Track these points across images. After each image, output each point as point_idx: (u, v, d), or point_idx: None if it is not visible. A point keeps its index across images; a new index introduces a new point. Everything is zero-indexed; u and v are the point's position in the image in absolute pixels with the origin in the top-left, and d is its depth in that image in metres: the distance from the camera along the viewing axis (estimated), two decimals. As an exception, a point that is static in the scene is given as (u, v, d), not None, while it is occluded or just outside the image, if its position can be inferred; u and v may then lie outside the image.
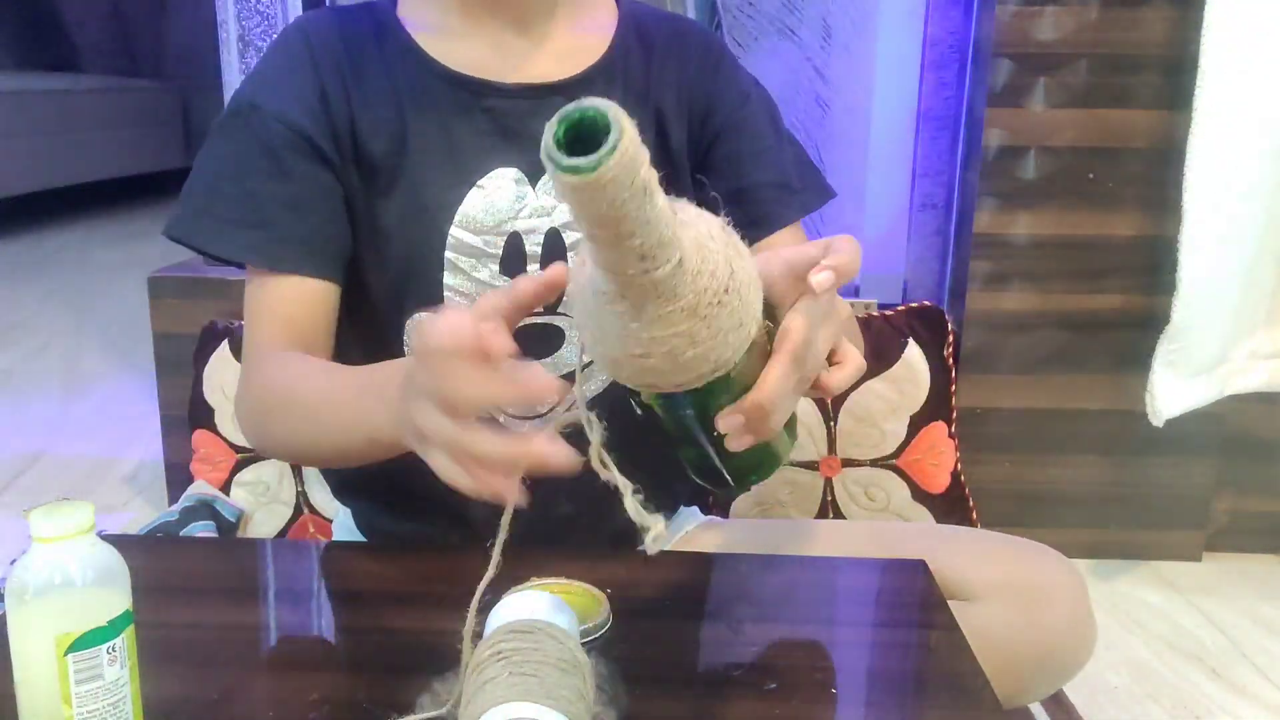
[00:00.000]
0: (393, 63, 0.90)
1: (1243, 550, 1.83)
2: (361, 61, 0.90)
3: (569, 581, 0.80)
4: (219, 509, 1.46)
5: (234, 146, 0.88)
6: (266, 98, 0.88)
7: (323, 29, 0.91)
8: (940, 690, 0.72)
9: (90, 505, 0.59)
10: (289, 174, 0.87)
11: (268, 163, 0.87)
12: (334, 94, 0.88)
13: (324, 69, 0.89)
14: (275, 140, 0.87)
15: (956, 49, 1.72)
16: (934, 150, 1.76)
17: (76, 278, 3.64)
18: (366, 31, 0.91)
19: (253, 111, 0.88)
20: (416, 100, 0.89)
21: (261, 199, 0.87)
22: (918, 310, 1.61)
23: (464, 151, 0.89)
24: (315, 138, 0.87)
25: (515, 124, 0.90)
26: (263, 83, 0.90)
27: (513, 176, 0.90)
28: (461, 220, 0.89)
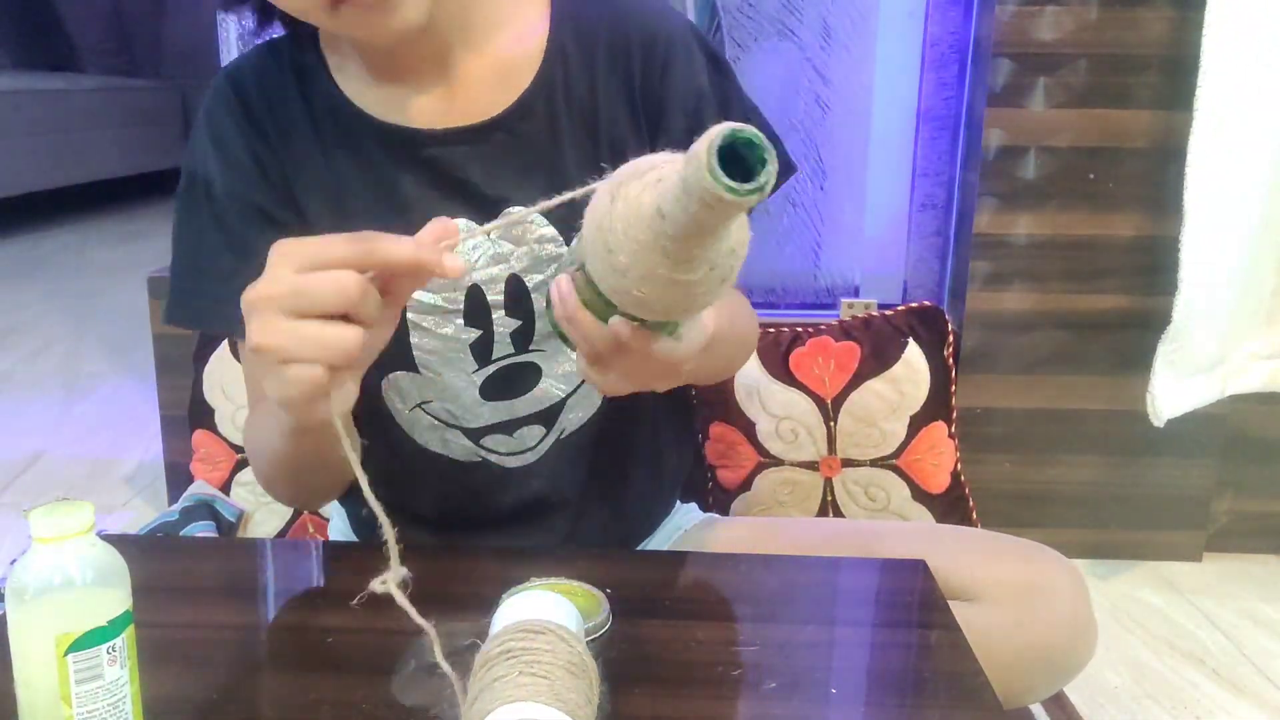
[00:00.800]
0: (320, 119, 0.85)
1: (1243, 550, 1.83)
2: (290, 122, 0.86)
3: (569, 581, 0.80)
4: (219, 509, 1.46)
5: (199, 225, 0.87)
6: (215, 176, 0.86)
7: (245, 87, 0.87)
8: (940, 690, 0.72)
9: (90, 505, 0.59)
10: (251, 250, 0.83)
11: (229, 240, 0.85)
12: (267, 160, 0.86)
13: (253, 136, 0.86)
14: (232, 218, 0.85)
15: (956, 49, 1.72)
16: (934, 150, 1.76)
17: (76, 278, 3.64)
18: (287, 85, 0.86)
19: (208, 190, 0.86)
20: (350, 158, 0.85)
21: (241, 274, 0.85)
22: (918, 310, 1.61)
23: (409, 209, 0.85)
24: (270, 209, 0.86)
25: (458, 171, 0.85)
26: (204, 154, 0.87)
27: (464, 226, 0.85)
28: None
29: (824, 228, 1.81)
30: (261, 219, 0.86)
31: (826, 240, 1.81)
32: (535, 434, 0.93)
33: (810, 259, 1.82)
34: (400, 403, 0.91)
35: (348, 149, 0.85)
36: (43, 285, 3.54)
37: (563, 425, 0.93)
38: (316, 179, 0.86)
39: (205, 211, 0.86)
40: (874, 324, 1.59)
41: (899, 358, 1.56)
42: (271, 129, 0.86)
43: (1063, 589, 0.91)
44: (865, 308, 1.68)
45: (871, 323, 1.59)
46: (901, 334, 1.58)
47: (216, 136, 0.86)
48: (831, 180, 1.78)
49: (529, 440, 0.93)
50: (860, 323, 1.60)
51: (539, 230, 0.86)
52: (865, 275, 1.81)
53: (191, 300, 0.88)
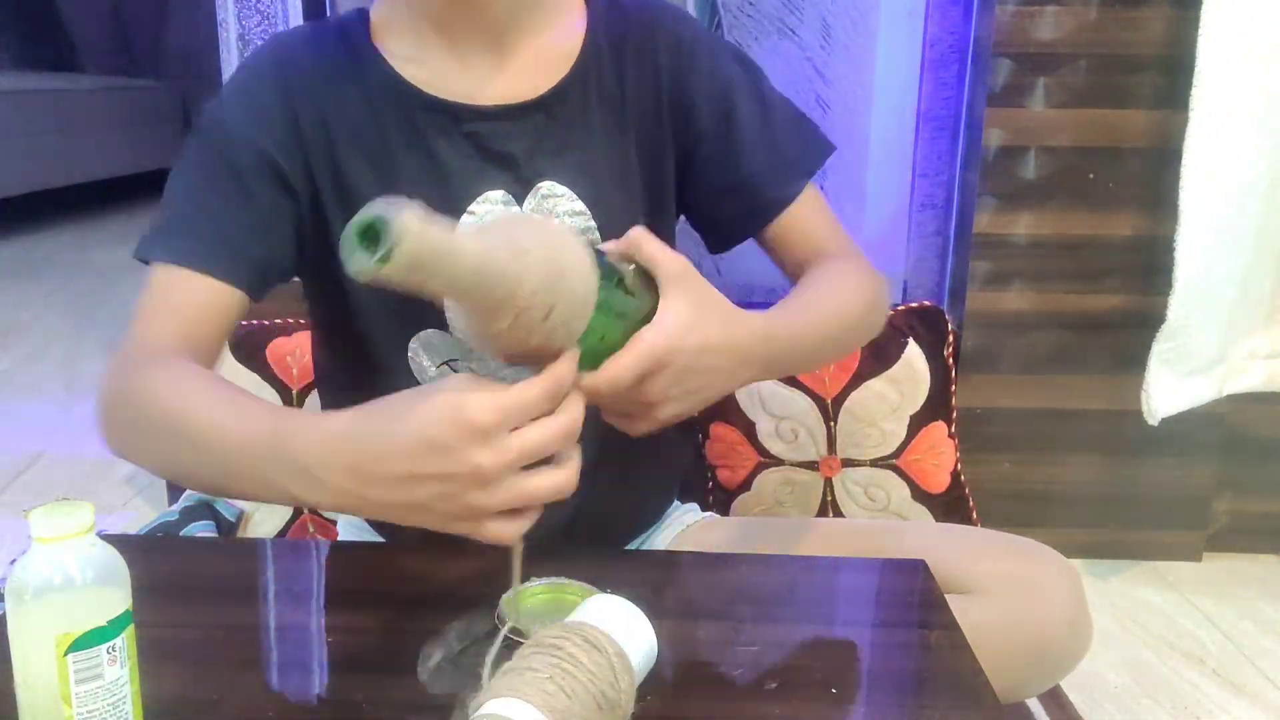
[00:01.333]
0: (372, 92, 0.89)
1: (1243, 550, 1.83)
2: (341, 90, 0.88)
3: (569, 581, 0.80)
4: (219, 509, 1.46)
5: (200, 166, 0.87)
6: (233, 119, 0.87)
7: (298, 56, 0.89)
8: (940, 690, 0.72)
9: (90, 505, 0.59)
10: (253, 196, 0.86)
11: (233, 184, 0.86)
12: (310, 123, 0.87)
13: (299, 99, 0.87)
14: (241, 162, 0.86)
15: (956, 49, 1.72)
16: (934, 150, 1.76)
17: (76, 278, 3.64)
18: (343, 59, 0.89)
19: (219, 130, 0.87)
20: (400, 129, 0.88)
21: (223, 218, 0.86)
22: (918, 310, 1.61)
23: (452, 178, 0.89)
24: (282, 164, 0.86)
25: (497, 146, 0.89)
26: (230, 104, 0.88)
27: (501, 199, 0.90)
28: None
29: (824, 228, 1.81)
30: (274, 175, 0.86)
31: (826, 240, 1.81)
32: None
33: (810, 259, 1.82)
34: (428, 360, 0.92)
35: (395, 116, 0.89)
36: (43, 285, 3.54)
37: None
38: (362, 141, 0.88)
39: (211, 153, 0.87)
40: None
41: (899, 358, 1.56)
42: (326, 98, 0.88)
43: (1057, 584, 0.91)
44: (865, 308, 1.68)
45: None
46: (901, 334, 1.58)
47: (248, 95, 0.88)
48: (831, 180, 1.78)
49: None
50: (860, 323, 1.59)
51: (570, 205, 0.91)
52: (865, 275, 1.81)
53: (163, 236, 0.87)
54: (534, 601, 0.79)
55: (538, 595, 0.79)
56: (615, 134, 0.93)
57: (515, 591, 0.75)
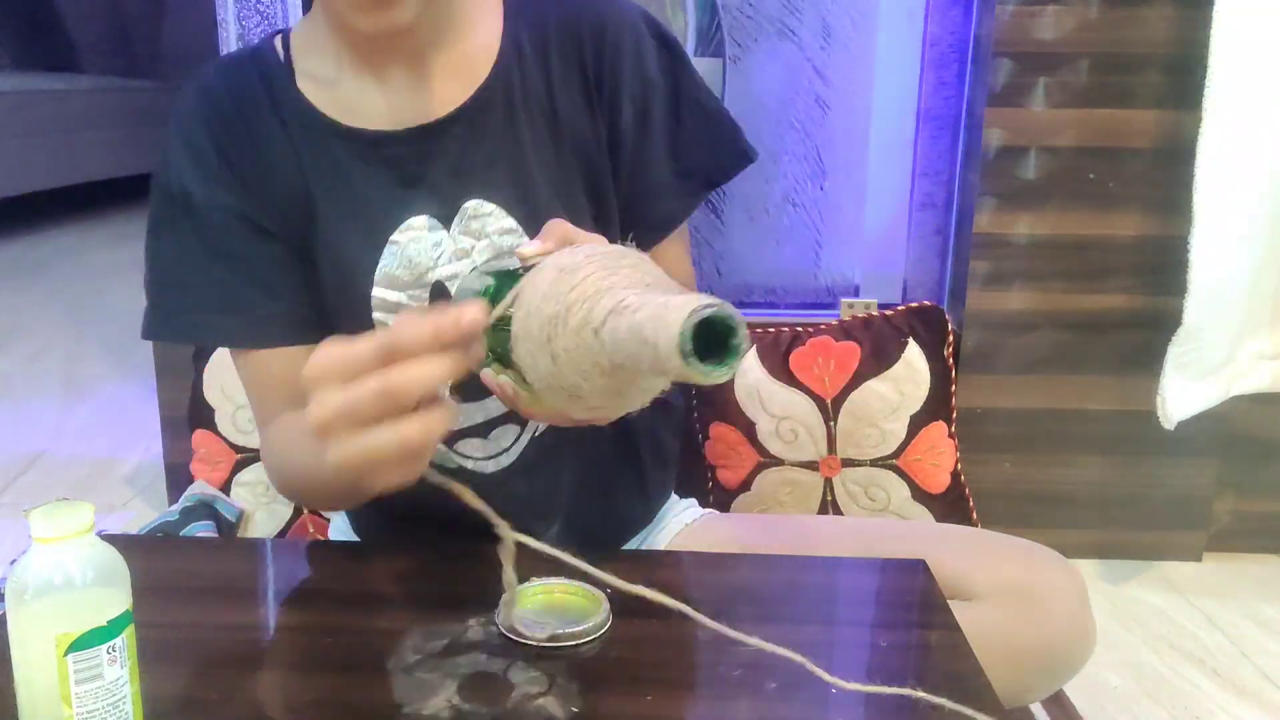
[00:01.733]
0: (289, 124, 0.87)
1: (1244, 550, 1.83)
2: (258, 128, 0.87)
3: (569, 581, 0.80)
4: (219, 509, 1.46)
5: (183, 238, 0.87)
6: (192, 187, 0.86)
7: (216, 94, 0.88)
8: (940, 690, 0.72)
9: (90, 505, 0.59)
10: (247, 260, 0.86)
11: (221, 252, 0.86)
12: (239, 166, 0.87)
13: (223, 143, 0.86)
14: (219, 228, 0.86)
15: (956, 49, 1.72)
16: (934, 150, 1.76)
17: (76, 278, 3.64)
18: (256, 92, 0.87)
19: (187, 201, 0.86)
20: (316, 162, 0.87)
21: (230, 285, 0.86)
22: (918, 310, 1.61)
23: (373, 208, 0.86)
24: (249, 213, 0.86)
25: (417, 170, 0.86)
26: (181, 169, 0.87)
27: (425, 224, 0.87)
28: (382, 279, 0.87)
29: (824, 227, 1.81)
30: (245, 226, 0.86)
31: (826, 240, 1.81)
32: (510, 433, 0.92)
33: (810, 259, 1.82)
34: None
35: (313, 151, 0.87)
36: (43, 286, 3.53)
37: (535, 424, 0.92)
38: (287, 183, 0.87)
39: (185, 224, 0.86)
40: (874, 324, 1.59)
41: (899, 358, 1.56)
42: (242, 135, 0.87)
43: (1062, 590, 0.91)
44: (865, 307, 1.68)
45: (871, 323, 1.59)
46: (901, 334, 1.58)
47: (192, 147, 0.87)
48: (831, 180, 1.78)
49: (504, 441, 0.92)
50: (860, 323, 1.60)
51: (500, 222, 0.87)
52: (865, 275, 1.81)
53: (176, 315, 0.88)
54: (534, 601, 0.79)
55: (537, 595, 0.79)
56: (546, 136, 0.88)
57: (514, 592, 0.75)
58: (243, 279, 0.86)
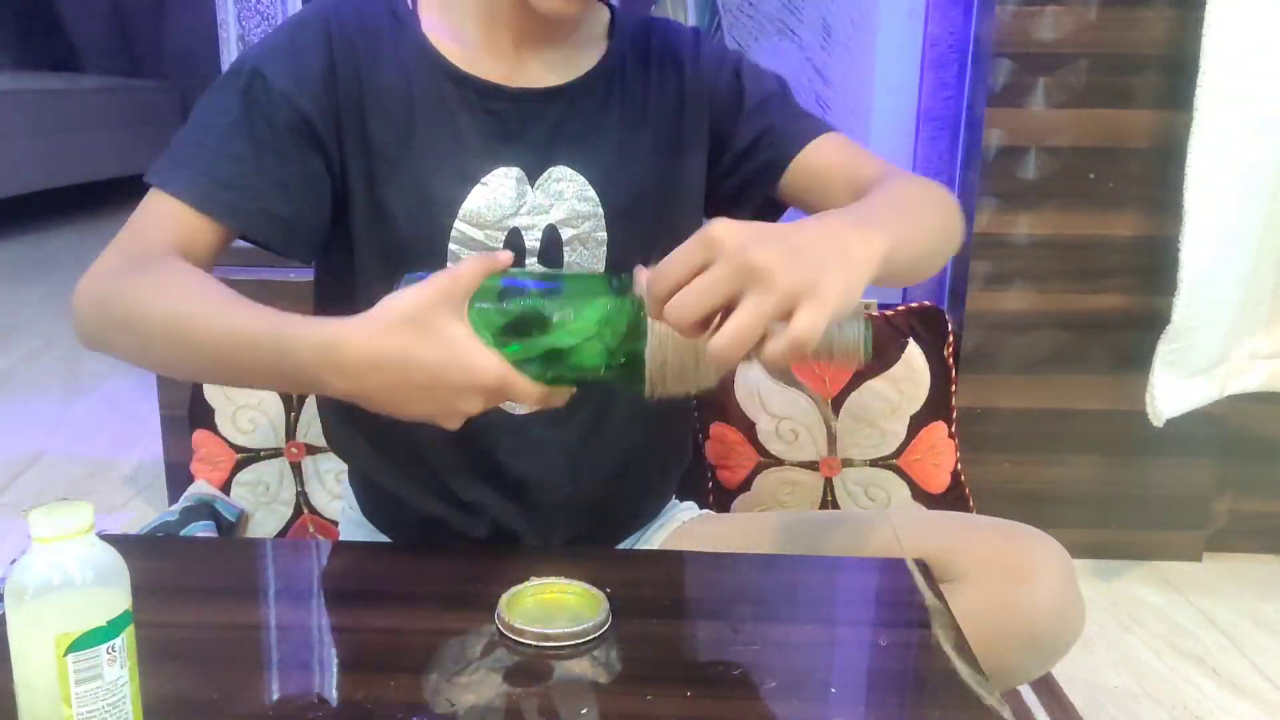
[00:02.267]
0: (406, 58, 0.92)
1: (1243, 550, 1.83)
2: (377, 52, 0.91)
3: (569, 581, 0.80)
4: (219, 509, 1.46)
5: (231, 108, 0.88)
6: (276, 72, 0.88)
7: (344, 14, 0.92)
8: (940, 690, 0.72)
9: (90, 505, 0.59)
10: (285, 155, 0.88)
11: (269, 136, 0.87)
12: (345, 75, 0.90)
13: (339, 50, 0.90)
14: (279, 119, 0.87)
15: (956, 49, 1.72)
16: (934, 150, 1.76)
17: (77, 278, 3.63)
18: (383, 24, 0.93)
19: (258, 80, 0.87)
20: (426, 97, 0.92)
21: (250, 167, 0.87)
22: (918, 310, 1.61)
23: (469, 150, 0.92)
24: (317, 124, 0.88)
25: (516, 126, 0.93)
26: (274, 55, 0.89)
27: (514, 175, 0.92)
28: (465, 215, 0.91)
29: (824, 228, 1.81)
30: (309, 136, 0.88)
31: (826, 240, 1.81)
32: None
33: (810, 259, 1.82)
34: None
35: (424, 84, 0.92)
36: (43, 285, 3.54)
37: None
38: (393, 110, 0.91)
39: (246, 99, 0.87)
40: (874, 324, 1.59)
41: (899, 358, 1.56)
42: (363, 56, 0.90)
43: (1048, 567, 0.90)
44: (865, 307, 1.68)
45: (872, 323, 1.59)
46: (901, 334, 1.58)
47: (296, 43, 0.90)
48: (831, 180, 1.78)
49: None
50: (860, 323, 1.59)
51: (579, 190, 0.94)
52: (865, 275, 1.81)
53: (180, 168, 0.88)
54: (534, 601, 0.79)
55: (537, 595, 0.79)
56: (631, 127, 0.97)
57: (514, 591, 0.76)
58: (268, 171, 0.87)
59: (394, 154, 0.91)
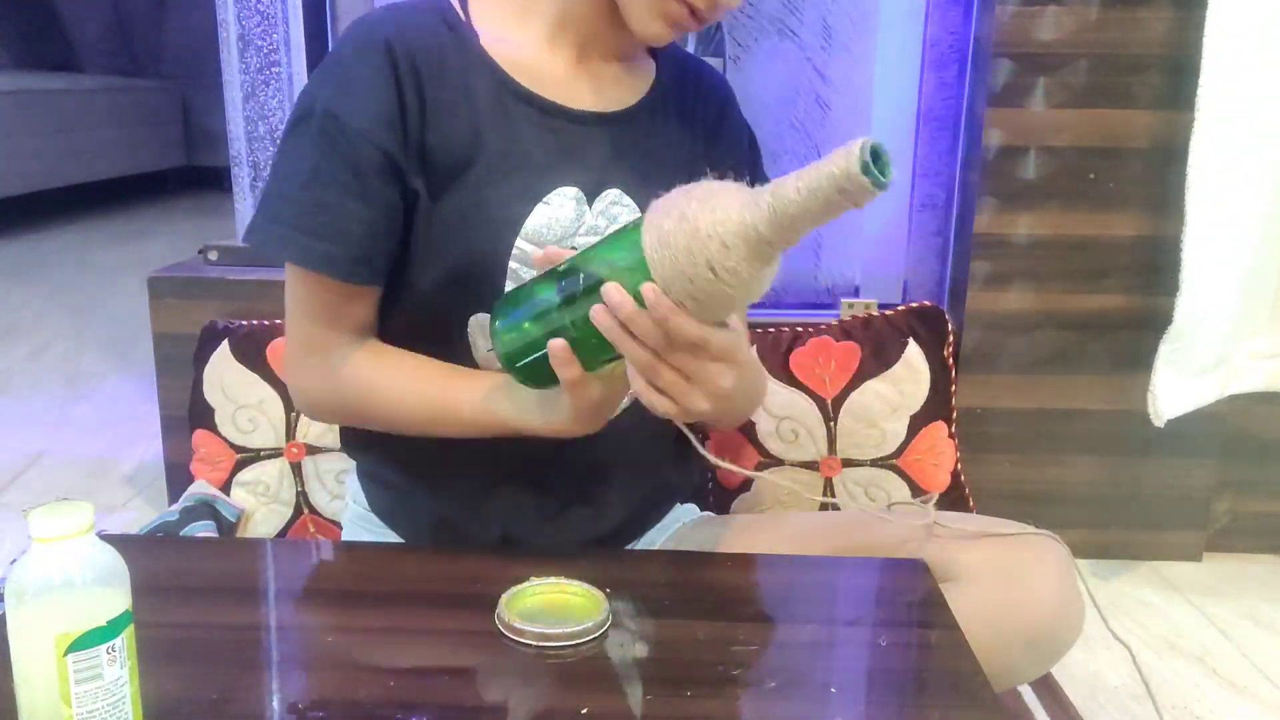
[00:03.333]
0: (469, 73, 0.92)
1: (1243, 550, 1.83)
2: (440, 69, 0.90)
3: (569, 581, 0.80)
4: (219, 509, 1.46)
5: (314, 154, 0.88)
6: (351, 112, 0.87)
7: (405, 34, 0.90)
8: (940, 690, 0.72)
9: (90, 505, 0.59)
10: (372, 197, 0.88)
11: (352, 180, 0.87)
12: (410, 99, 0.89)
13: (404, 77, 0.89)
14: (361, 161, 0.87)
15: (956, 49, 1.72)
16: (934, 150, 1.76)
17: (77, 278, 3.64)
18: (443, 38, 0.92)
19: (334, 123, 0.87)
20: (490, 113, 0.92)
21: (340, 214, 0.88)
22: (918, 310, 1.60)
23: (532, 168, 0.92)
24: (396, 157, 0.88)
25: (577, 146, 0.94)
26: (345, 92, 0.88)
27: (573, 195, 0.93)
28: (527, 233, 0.91)
29: (824, 228, 1.80)
30: (391, 172, 0.89)
31: (826, 240, 1.81)
32: None
33: (810, 259, 1.82)
34: (482, 340, 0.94)
35: (490, 103, 0.92)
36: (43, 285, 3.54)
37: None
38: (457, 128, 0.90)
39: (326, 144, 0.88)
40: (874, 324, 1.59)
41: (899, 358, 1.56)
42: (425, 75, 0.90)
43: (1049, 567, 0.91)
44: (865, 308, 1.68)
45: (871, 323, 1.59)
46: (901, 334, 1.58)
47: (361, 75, 0.89)
48: (831, 180, 1.78)
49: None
50: (860, 323, 1.60)
51: (630, 215, 0.95)
52: (865, 275, 1.81)
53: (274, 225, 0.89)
54: (534, 601, 0.79)
55: (538, 595, 0.79)
56: (675, 157, 1.00)
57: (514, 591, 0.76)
58: (354, 210, 0.88)
59: (457, 172, 0.91)
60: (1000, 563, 0.90)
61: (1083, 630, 0.93)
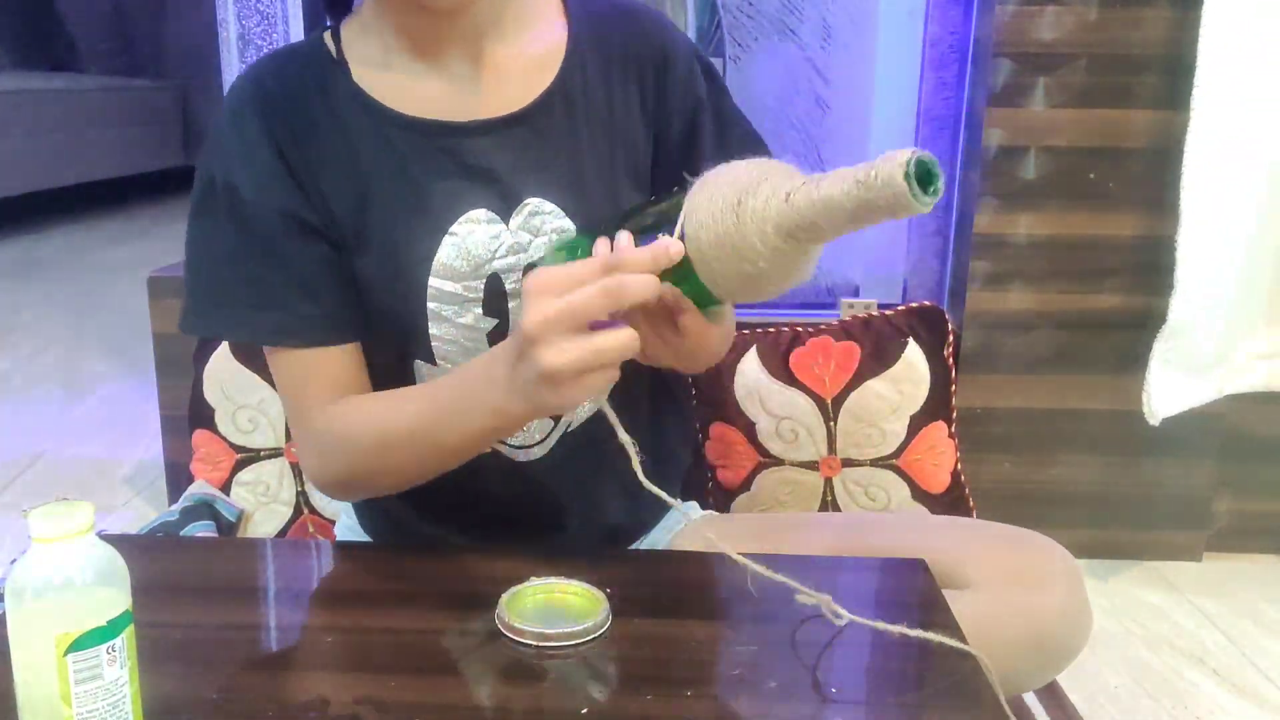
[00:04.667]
0: (344, 115, 0.87)
1: (1243, 550, 1.83)
2: (312, 119, 0.87)
3: (569, 581, 0.80)
4: (219, 509, 1.46)
5: (224, 232, 0.86)
6: (243, 181, 0.85)
7: (270, 87, 0.87)
8: (940, 690, 0.72)
9: (90, 505, 0.59)
10: (287, 259, 0.85)
11: (262, 249, 0.85)
12: (293, 159, 0.86)
13: (279, 135, 0.86)
14: (264, 228, 0.85)
15: (956, 49, 1.72)
16: (934, 150, 1.75)
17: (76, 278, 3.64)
18: (311, 83, 0.88)
19: (232, 195, 0.85)
20: (373, 152, 0.87)
21: (268, 283, 0.86)
22: (918, 310, 1.60)
23: (431, 200, 0.87)
24: (300, 213, 0.86)
25: (479, 162, 0.87)
26: (228, 161, 0.86)
27: (484, 218, 0.88)
28: (439, 270, 0.87)
29: (824, 228, 1.81)
30: (290, 224, 0.86)
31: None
32: (544, 427, 0.94)
33: (810, 259, 1.82)
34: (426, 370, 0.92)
35: (372, 141, 0.87)
36: (43, 285, 3.54)
37: (569, 418, 0.94)
38: (342, 172, 0.87)
39: (226, 218, 0.85)
40: (874, 324, 1.59)
41: (899, 358, 1.56)
42: (298, 126, 0.86)
43: (1057, 574, 0.91)
44: (865, 308, 1.68)
45: (871, 323, 1.59)
46: (901, 334, 1.58)
47: (242, 140, 0.86)
48: (831, 180, 1.78)
49: (537, 434, 0.94)
50: (860, 323, 1.60)
51: (557, 222, 0.89)
52: (865, 275, 1.81)
53: (213, 309, 0.88)
54: (534, 601, 0.79)
55: (537, 595, 0.79)
56: (601, 145, 0.91)
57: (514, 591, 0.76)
58: (281, 277, 0.85)
59: (356, 222, 0.87)
60: (1007, 569, 0.90)
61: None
